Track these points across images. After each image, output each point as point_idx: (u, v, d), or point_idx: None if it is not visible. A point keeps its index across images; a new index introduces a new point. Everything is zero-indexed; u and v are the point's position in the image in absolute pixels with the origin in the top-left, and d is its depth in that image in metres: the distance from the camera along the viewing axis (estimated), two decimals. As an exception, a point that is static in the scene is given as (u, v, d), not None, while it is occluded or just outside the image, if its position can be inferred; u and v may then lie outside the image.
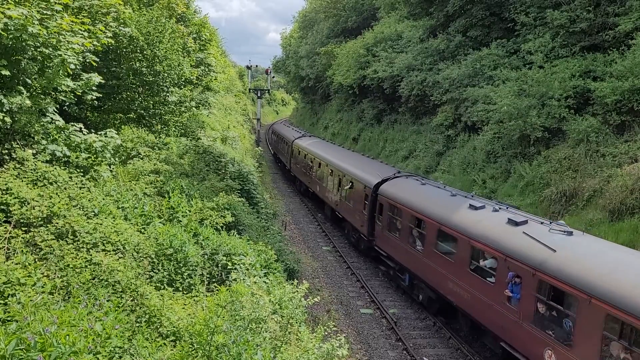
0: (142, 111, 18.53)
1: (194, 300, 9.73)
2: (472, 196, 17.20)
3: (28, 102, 10.66)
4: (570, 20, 24.52)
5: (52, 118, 12.10)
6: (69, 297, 8.00)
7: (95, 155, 12.47)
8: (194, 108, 23.83)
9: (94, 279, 8.59)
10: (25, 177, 10.32)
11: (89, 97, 13.35)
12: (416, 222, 17.69)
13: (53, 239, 9.07)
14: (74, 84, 12.39)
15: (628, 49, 21.22)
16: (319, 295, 17.14)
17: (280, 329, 8.84)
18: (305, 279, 17.60)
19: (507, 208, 15.27)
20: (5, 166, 10.51)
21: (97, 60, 13.89)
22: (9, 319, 6.66)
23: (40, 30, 10.33)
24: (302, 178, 36.71)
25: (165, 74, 18.23)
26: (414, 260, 17.81)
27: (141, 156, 16.77)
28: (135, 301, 8.46)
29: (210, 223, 13.67)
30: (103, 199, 11.46)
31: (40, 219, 9.40)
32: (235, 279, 10.37)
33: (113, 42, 14.65)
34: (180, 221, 13.24)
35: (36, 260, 8.59)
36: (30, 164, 10.62)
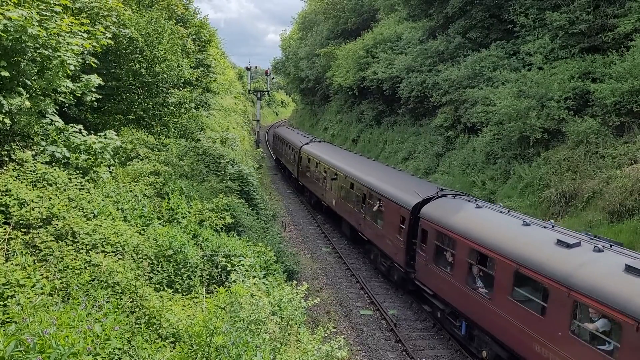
0: (142, 112, 18.56)
1: (194, 301, 9.73)
2: (553, 226, 13.29)
3: (27, 103, 10.67)
4: (570, 22, 24.55)
5: (51, 119, 12.10)
6: (68, 299, 7.99)
7: (94, 157, 12.47)
8: (193, 110, 23.84)
9: (93, 280, 8.58)
10: (24, 179, 10.32)
11: (88, 98, 13.36)
12: (478, 258, 13.93)
13: (52, 240, 9.06)
14: (74, 85, 12.40)
15: (627, 51, 21.25)
16: (319, 296, 17.15)
17: (279, 330, 8.84)
18: (304, 280, 17.62)
19: (610, 246, 11.35)
20: (4, 167, 10.50)
21: (97, 61, 13.90)
22: (8, 320, 6.65)
23: (39, 31, 10.34)
24: (312, 188, 32.72)
25: (165, 75, 18.26)
26: (475, 306, 14.00)
27: (141, 157, 16.77)
28: (135, 302, 8.45)
29: (209, 224, 13.67)
30: (102, 200, 11.46)
31: (39, 220, 9.39)
32: (234, 281, 10.36)
33: (112, 43, 14.66)
34: (180, 222, 13.24)
35: (35, 261, 8.58)
36: (29, 165, 10.62)
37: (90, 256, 9.04)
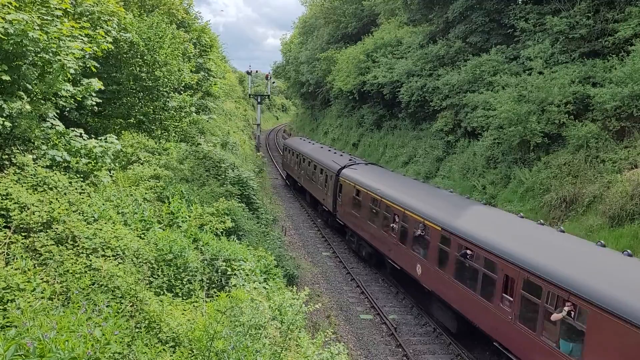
0: (142, 116, 18.59)
1: (194, 306, 9.70)
2: None
3: (28, 107, 10.69)
4: (570, 27, 24.60)
5: (52, 123, 12.12)
6: (68, 303, 7.98)
7: (95, 161, 12.48)
8: (193, 114, 23.89)
9: (93, 284, 8.56)
10: (25, 183, 10.33)
11: (89, 102, 13.39)
12: None
13: (53, 245, 9.05)
14: (74, 89, 12.43)
15: (627, 55, 21.29)
16: (319, 301, 17.12)
17: (280, 335, 8.82)
18: (305, 285, 17.60)
19: None
20: (5, 171, 10.50)
21: (97, 65, 13.93)
22: (8, 324, 6.64)
23: (40, 35, 10.36)
24: (369, 237, 22.21)
25: (165, 79, 18.30)
26: None
27: (141, 161, 16.78)
28: (135, 307, 8.43)
29: (210, 228, 13.66)
30: (103, 204, 11.45)
31: (40, 224, 9.39)
32: (235, 285, 10.36)
33: (113, 47, 14.70)
34: (180, 226, 13.23)
35: (36, 265, 8.57)
36: (30, 169, 10.62)
37: (90, 260, 9.03)
